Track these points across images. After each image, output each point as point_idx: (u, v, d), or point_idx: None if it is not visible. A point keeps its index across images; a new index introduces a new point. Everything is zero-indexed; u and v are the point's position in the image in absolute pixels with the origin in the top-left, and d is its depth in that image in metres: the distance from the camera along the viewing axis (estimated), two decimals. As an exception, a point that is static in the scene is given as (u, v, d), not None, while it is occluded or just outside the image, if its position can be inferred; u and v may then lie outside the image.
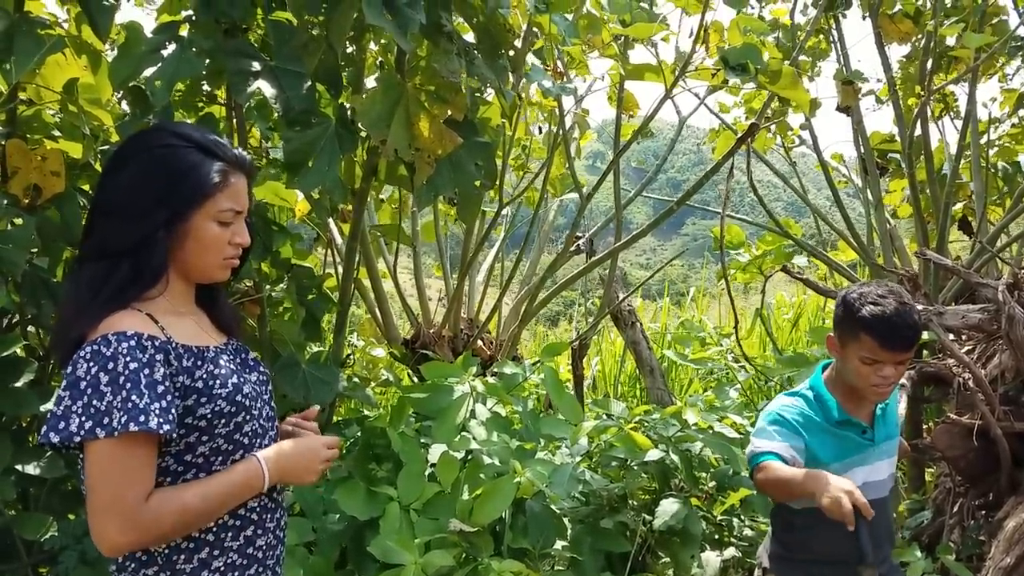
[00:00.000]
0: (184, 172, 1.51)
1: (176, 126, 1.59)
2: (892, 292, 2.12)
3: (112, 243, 1.48)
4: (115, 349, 1.38)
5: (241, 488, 1.50)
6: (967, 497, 3.54)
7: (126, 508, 1.35)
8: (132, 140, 1.57)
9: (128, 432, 1.34)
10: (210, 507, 1.46)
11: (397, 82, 2.59)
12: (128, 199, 1.49)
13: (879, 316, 2.05)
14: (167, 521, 1.39)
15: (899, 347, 2.05)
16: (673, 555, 3.01)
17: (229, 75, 2.45)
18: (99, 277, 1.48)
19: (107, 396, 1.35)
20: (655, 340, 6.20)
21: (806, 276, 3.78)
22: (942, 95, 5.38)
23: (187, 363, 1.48)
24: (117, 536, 1.35)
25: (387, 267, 4.69)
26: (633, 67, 3.44)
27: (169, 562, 1.49)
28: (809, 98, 3.71)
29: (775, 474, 2.07)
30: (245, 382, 1.59)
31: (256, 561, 1.60)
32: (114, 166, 1.54)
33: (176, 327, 1.52)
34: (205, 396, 1.49)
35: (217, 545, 1.53)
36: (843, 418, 2.17)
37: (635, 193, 4.83)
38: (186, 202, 1.51)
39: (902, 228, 6.04)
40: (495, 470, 2.82)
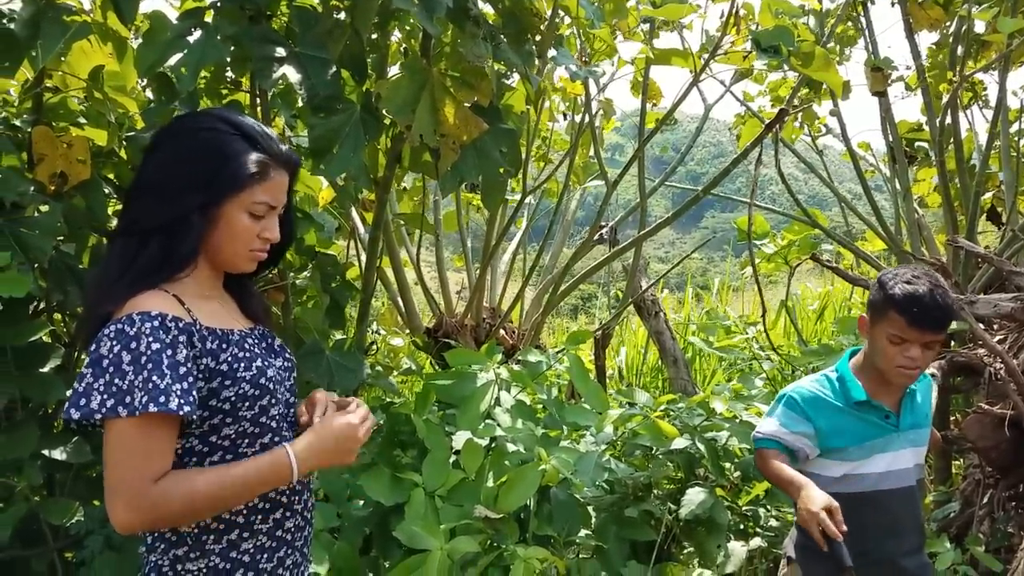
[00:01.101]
0: (224, 159, 1.50)
1: (226, 112, 1.58)
2: (927, 275, 2.11)
3: (144, 220, 1.48)
4: (138, 329, 1.38)
5: (264, 480, 1.48)
6: (997, 488, 3.49)
7: (135, 487, 1.35)
8: (178, 121, 1.58)
9: (148, 412, 1.34)
10: (225, 495, 1.44)
11: (422, 67, 2.57)
12: (164, 178, 1.49)
13: (910, 295, 2.05)
14: (175, 503, 1.38)
15: (927, 327, 2.04)
16: (698, 544, 2.99)
17: (254, 61, 2.44)
18: (128, 255, 1.48)
19: (128, 375, 1.35)
20: (678, 331, 6.16)
21: (836, 265, 3.73)
22: (971, 84, 5.30)
23: (211, 345, 1.48)
24: (124, 514, 1.35)
25: (409, 257, 4.69)
26: (660, 52, 3.40)
27: (198, 542, 1.50)
28: (842, 80, 3.66)
29: (765, 467, 2.20)
30: (269, 366, 1.58)
31: (285, 543, 1.60)
32: (157, 145, 1.54)
33: (202, 309, 1.52)
34: (229, 379, 1.48)
35: (247, 527, 1.54)
36: (864, 399, 2.15)
37: (659, 182, 4.79)
38: (221, 189, 1.50)
39: (930, 218, 5.96)
40: (520, 457, 2.81)
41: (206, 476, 1.42)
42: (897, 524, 2.14)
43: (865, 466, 2.16)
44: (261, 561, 1.56)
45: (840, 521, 1.94)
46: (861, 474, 2.16)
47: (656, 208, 24.71)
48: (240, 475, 1.45)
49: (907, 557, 2.19)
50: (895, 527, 2.13)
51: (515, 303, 4.66)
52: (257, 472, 1.46)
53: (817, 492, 1.99)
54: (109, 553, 2.95)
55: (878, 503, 2.08)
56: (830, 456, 2.19)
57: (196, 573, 1.50)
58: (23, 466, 2.75)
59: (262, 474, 1.47)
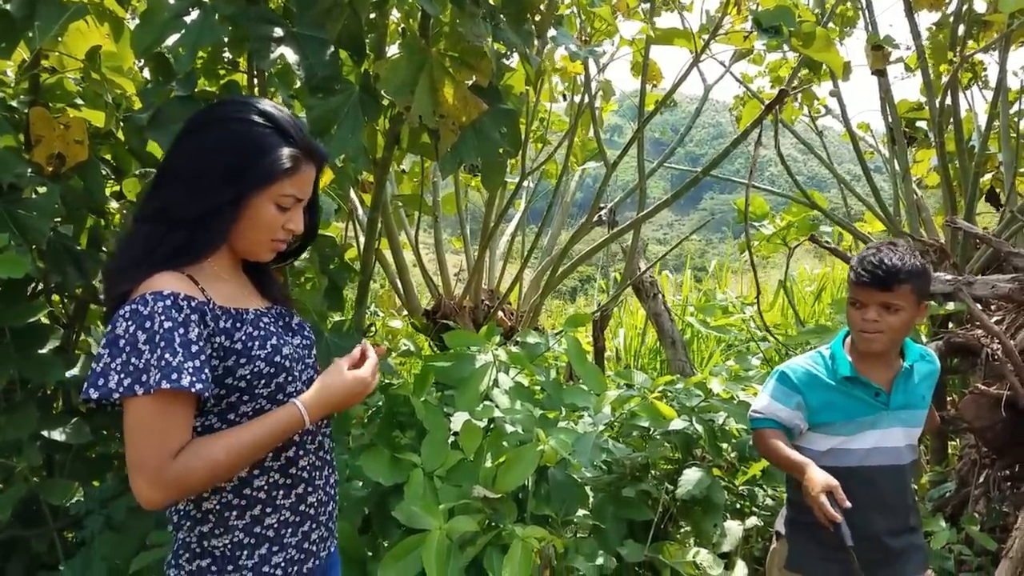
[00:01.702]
0: (258, 153, 1.52)
1: (260, 102, 1.58)
2: (894, 243, 2.15)
3: (174, 210, 1.50)
4: (152, 308, 1.40)
5: (275, 432, 1.50)
6: (993, 468, 3.52)
7: (156, 463, 1.38)
8: (213, 109, 1.59)
9: (161, 389, 1.37)
10: (243, 453, 1.46)
11: (421, 47, 2.56)
12: (198, 168, 1.51)
13: (861, 257, 2.14)
14: (197, 473, 1.41)
15: (871, 284, 2.10)
16: (695, 524, 3.01)
17: (251, 41, 2.43)
18: (154, 240, 1.50)
19: (144, 354, 1.38)
20: (676, 313, 6.17)
21: (834, 246, 3.73)
22: (971, 64, 5.28)
23: (225, 324, 1.50)
24: (147, 491, 1.38)
25: (408, 238, 4.68)
26: (661, 31, 3.39)
27: (221, 519, 1.54)
28: (843, 61, 3.65)
29: (765, 446, 2.24)
30: (285, 344, 1.60)
31: (309, 518, 1.64)
32: (190, 131, 1.55)
33: (218, 290, 1.54)
34: (244, 357, 1.51)
35: (269, 503, 1.57)
36: (852, 375, 2.18)
37: (658, 163, 4.78)
38: (254, 183, 1.52)
39: (929, 199, 5.95)
40: (518, 438, 2.82)
41: (222, 441, 1.45)
42: (883, 501, 2.16)
43: (852, 442, 2.18)
44: (286, 536, 1.59)
45: (842, 499, 1.98)
46: (848, 449, 2.18)
47: (655, 189, 24.68)
48: (253, 434, 1.48)
49: (894, 536, 2.20)
50: (881, 504, 2.15)
51: (513, 285, 4.66)
52: (270, 426, 1.50)
53: (819, 474, 2.03)
54: (109, 533, 2.97)
55: (864, 479, 2.10)
56: (818, 430, 2.22)
57: (222, 548, 1.54)
58: (22, 447, 2.76)
59: (275, 427, 1.50)
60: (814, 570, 2.25)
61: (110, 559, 2.91)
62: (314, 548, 1.65)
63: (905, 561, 2.23)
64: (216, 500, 1.53)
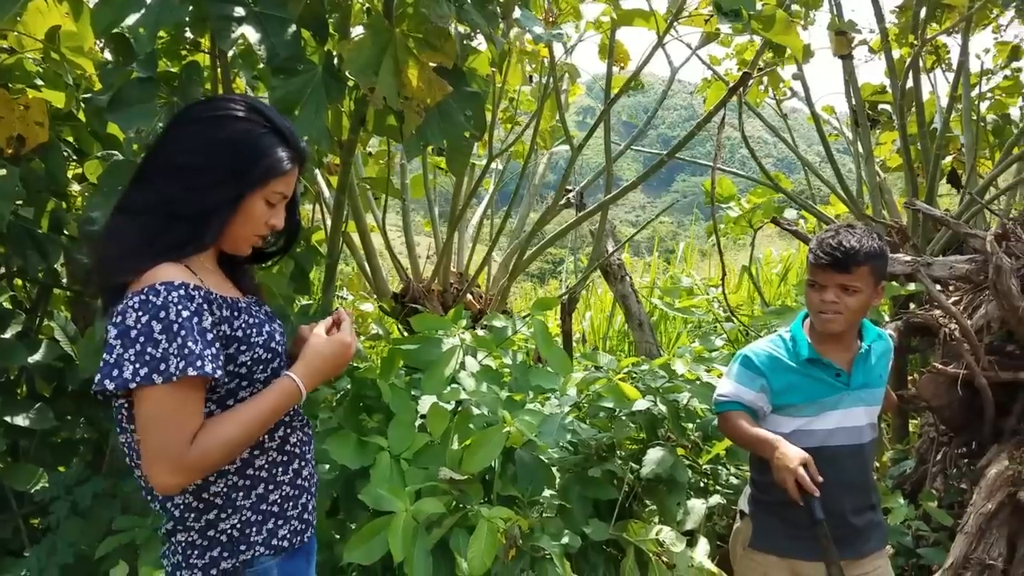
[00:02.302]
0: (260, 153, 1.57)
1: (257, 103, 1.64)
2: (851, 226, 2.20)
3: (175, 204, 1.53)
4: (165, 298, 1.42)
5: (277, 406, 1.57)
6: (950, 446, 3.60)
7: (176, 451, 1.41)
8: (211, 104, 1.63)
9: (186, 377, 1.41)
10: (252, 429, 1.52)
11: (385, 27, 2.54)
12: (198, 165, 1.54)
13: (819, 239, 2.18)
14: (214, 457, 1.46)
15: (828, 266, 2.14)
16: (659, 502, 3.05)
17: (212, 21, 2.40)
18: (152, 231, 1.52)
19: (162, 343, 1.40)
20: (644, 295, 6.21)
21: (796, 228, 3.78)
22: (934, 47, 5.34)
23: (226, 313, 1.55)
24: (168, 478, 1.42)
25: (376, 221, 4.66)
26: (623, 12, 3.39)
27: (229, 500, 1.59)
28: (802, 44, 3.68)
29: (732, 428, 2.27)
30: (275, 331, 1.67)
31: (304, 490, 1.72)
32: (188, 126, 1.58)
33: (210, 280, 1.58)
34: (244, 344, 1.57)
35: (271, 480, 1.64)
36: (813, 357, 2.22)
37: (625, 146, 4.80)
38: (253, 183, 1.57)
39: (892, 181, 6.03)
40: (485, 420, 2.83)
41: (230, 420, 1.50)
42: (846, 480, 2.21)
43: (815, 423, 2.22)
44: (288, 509, 1.67)
45: (815, 473, 2.02)
46: (811, 430, 2.22)
47: (626, 172, 24.71)
48: (258, 409, 1.54)
49: (857, 514, 2.25)
50: (844, 483, 2.20)
51: (482, 268, 4.66)
52: (272, 401, 1.56)
53: (792, 449, 2.07)
54: (75, 519, 2.96)
55: (827, 459, 2.13)
56: (782, 412, 2.26)
57: (230, 531, 1.59)
58: (-16, 433, 2.74)
59: (275, 401, 1.56)
60: (780, 548, 2.29)
61: (76, 545, 2.90)
62: (309, 518, 1.74)
63: (866, 539, 2.28)
64: (222, 483, 1.58)
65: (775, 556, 2.30)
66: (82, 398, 3.18)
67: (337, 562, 2.57)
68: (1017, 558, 2.97)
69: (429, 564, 2.41)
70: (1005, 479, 2.93)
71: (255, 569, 1.60)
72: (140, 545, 2.71)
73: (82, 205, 3.34)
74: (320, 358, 1.65)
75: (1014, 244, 3.23)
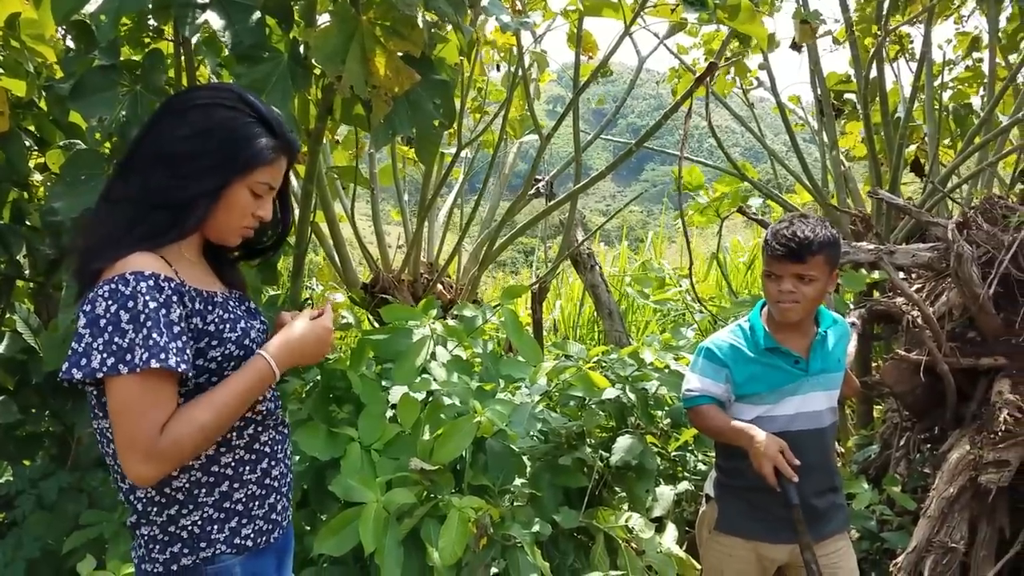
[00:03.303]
0: (243, 142, 1.56)
1: (244, 92, 1.62)
2: (815, 218, 2.24)
3: (158, 193, 1.52)
4: (134, 288, 1.41)
5: (251, 386, 1.54)
6: (913, 431, 3.66)
7: (146, 440, 1.40)
8: (197, 92, 1.61)
9: (149, 368, 1.39)
10: (227, 412, 1.50)
11: (351, 15, 2.52)
12: (183, 155, 1.53)
13: (774, 231, 2.21)
14: (187, 444, 1.44)
15: (784, 257, 2.17)
16: (629, 489, 3.08)
17: (175, 8, 2.37)
18: (132, 220, 1.51)
19: (128, 333, 1.39)
20: (614, 284, 6.24)
21: (761, 218, 3.81)
22: (898, 37, 5.41)
23: (199, 306, 1.53)
24: (142, 468, 1.41)
25: (344, 210, 4.63)
26: (592, 2, 3.39)
27: (191, 496, 1.56)
28: (767, 33, 3.70)
29: (706, 422, 2.30)
30: (252, 328, 1.65)
31: (273, 490, 1.68)
32: (175, 113, 1.56)
33: (187, 271, 1.56)
34: (216, 339, 1.54)
35: (236, 479, 1.61)
36: (771, 346, 2.26)
37: (595, 135, 4.81)
38: (235, 171, 1.56)
39: (856, 170, 6.10)
40: (455, 410, 2.83)
41: (201, 404, 1.48)
42: (808, 464, 2.24)
43: (776, 409, 2.26)
44: (253, 508, 1.63)
45: (792, 459, 2.09)
46: (772, 416, 2.26)
47: (596, 161, 24.78)
48: (231, 393, 1.51)
49: (819, 497, 2.30)
50: (806, 467, 2.23)
51: (452, 257, 4.66)
52: (244, 382, 1.53)
53: (769, 437, 2.12)
54: (41, 512, 2.92)
55: (788, 443, 2.16)
56: (743, 401, 2.30)
57: (191, 528, 1.56)
58: (-55, 427, 2.69)
59: (249, 382, 1.54)
60: (744, 531, 2.33)
61: (42, 539, 2.86)
62: (278, 518, 1.70)
63: (828, 520, 2.33)
64: (185, 478, 1.55)
65: (740, 539, 2.34)
66: (47, 391, 3.13)
67: (308, 554, 2.56)
68: (978, 541, 3.04)
69: (400, 554, 2.41)
70: (966, 464, 2.99)
71: (216, 567, 1.58)
72: (108, 539, 2.68)
73: (44, 195, 3.28)
74: (298, 338, 1.63)
75: (975, 232, 3.28)
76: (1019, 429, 2.94)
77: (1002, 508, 3.07)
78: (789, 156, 5.90)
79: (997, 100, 4.69)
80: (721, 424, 2.25)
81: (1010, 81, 4.78)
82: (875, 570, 3.28)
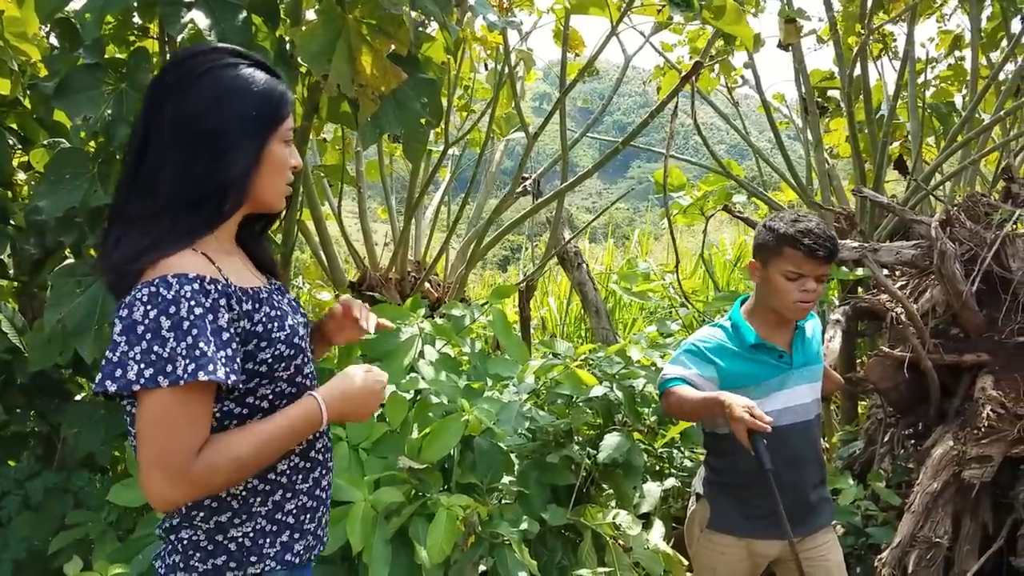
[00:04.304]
0: (265, 95, 1.41)
1: (221, 45, 1.46)
2: (808, 215, 2.25)
3: (196, 186, 1.36)
4: (177, 292, 1.27)
5: (297, 431, 1.41)
6: (897, 427, 3.69)
7: (178, 461, 1.26)
8: (185, 67, 1.40)
9: (196, 381, 1.25)
10: (267, 452, 1.37)
11: (338, 14, 2.52)
12: (211, 133, 1.36)
13: (802, 230, 2.18)
14: (221, 474, 1.31)
15: (822, 257, 2.17)
16: (616, 486, 3.09)
17: (161, 6, 2.36)
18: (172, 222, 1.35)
19: (170, 342, 1.25)
20: (600, 281, 6.26)
21: (746, 215, 3.83)
22: (881, 35, 5.44)
23: (247, 307, 1.39)
24: (167, 489, 1.26)
25: (331, 209, 4.62)
26: (578, 1, 3.40)
27: (246, 505, 1.44)
28: (753, 33, 3.72)
29: (678, 399, 2.22)
30: (299, 324, 1.51)
31: (322, 502, 1.57)
32: (175, 98, 1.37)
33: (229, 268, 1.41)
34: (265, 340, 1.41)
35: (290, 487, 1.49)
36: (758, 342, 2.28)
37: (581, 133, 4.81)
38: (272, 126, 1.41)
39: (840, 168, 6.14)
40: (443, 409, 2.84)
41: (244, 439, 1.34)
42: (798, 457, 2.26)
43: (764, 404, 2.26)
44: (305, 522, 1.52)
45: (762, 416, 2.00)
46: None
47: (583, 159, 24.79)
48: (275, 430, 1.38)
49: (810, 489, 2.32)
50: (796, 460, 2.25)
51: (440, 256, 4.66)
52: (291, 424, 1.40)
53: (737, 397, 2.05)
54: (27, 513, 2.91)
55: (778, 438, 2.18)
56: None
57: (242, 539, 1.44)
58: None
59: (295, 425, 1.40)
60: (736, 528, 2.35)
61: (28, 540, 2.85)
62: (322, 533, 1.59)
63: (818, 513, 2.35)
64: (242, 485, 1.43)
65: (732, 536, 2.35)
66: (32, 391, 3.12)
67: (295, 552, 2.56)
68: (962, 536, 3.07)
69: (388, 553, 2.41)
70: (950, 459, 3.02)
71: None
72: (94, 540, 2.67)
73: (28, 194, 3.26)
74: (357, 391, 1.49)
75: (958, 230, 3.31)
76: (1001, 425, 2.97)
77: (985, 503, 3.10)
78: (774, 154, 5.93)
79: (979, 98, 4.73)
80: (690, 398, 2.18)
81: (992, 79, 4.82)
82: (860, 565, 3.31)
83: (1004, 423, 2.98)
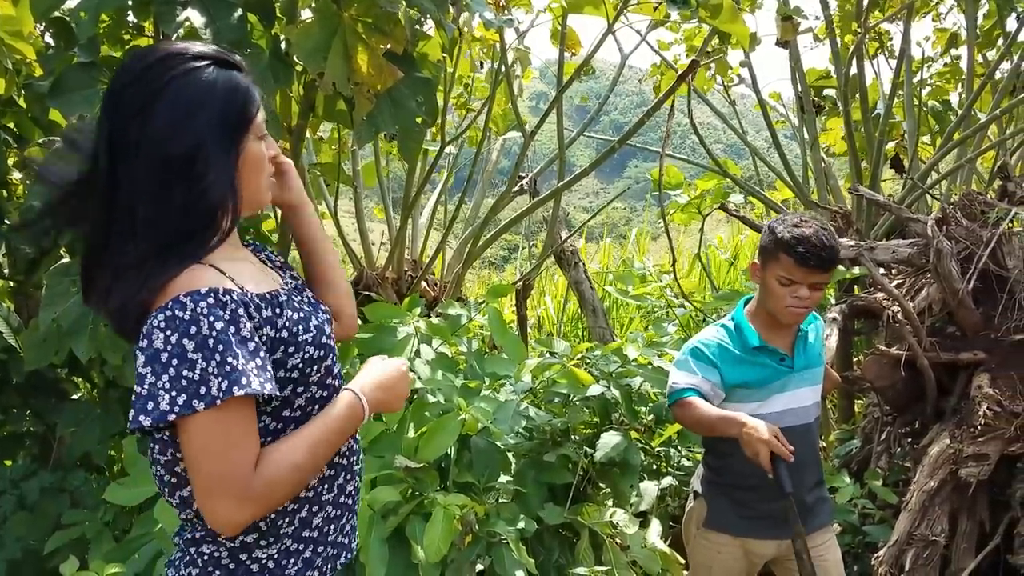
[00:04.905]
0: (231, 94, 1.31)
1: (173, 44, 1.34)
2: (815, 220, 2.23)
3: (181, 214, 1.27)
4: (193, 311, 1.21)
5: (345, 427, 1.38)
6: (894, 425, 3.69)
7: (238, 482, 1.21)
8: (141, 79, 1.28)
9: (232, 397, 1.20)
10: (322, 456, 1.34)
11: (333, 12, 2.52)
12: (184, 154, 1.26)
13: (797, 237, 2.15)
14: (283, 486, 1.27)
15: (813, 266, 2.15)
16: (613, 485, 3.09)
17: (156, 5, 2.35)
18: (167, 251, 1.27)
19: (199, 364, 1.19)
20: (597, 281, 6.26)
21: (743, 214, 3.83)
22: (877, 34, 5.45)
23: (267, 313, 1.33)
24: (235, 514, 1.22)
25: (328, 208, 4.62)
26: (575, 0, 3.40)
27: (274, 527, 1.39)
28: (749, 32, 3.73)
29: (693, 412, 2.20)
30: (323, 322, 1.46)
31: (347, 509, 1.52)
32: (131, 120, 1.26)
33: (241, 275, 1.35)
34: (292, 345, 1.35)
35: (316, 500, 1.44)
36: (760, 345, 2.26)
37: (578, 132, 4.81)
38: (244, 127, 1.33)
39: (837, 167, 6.15)
40: (440, 408, 2.84)
41: (296, 445, 1.30)
42: (798, 459, 2.26)
43: (765, 407, 2.26)
44: (330, 534, 1.48)
45: (786, 443, 2.02)
46: (761, 414, 2.25)
47: (580, 158, 24.80)
48: (324, 430, 1.34)
49: (808, 492, 2.31)
50: (796, 462, 2.25)
51: (436, 255, 4.66)
52: (336, 420, 1.36)
53: (760, 422, 2.05)
54: (22, 513, 2.91)
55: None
56: (733, 399, 2.29)
57: (266, 561, 1.39)
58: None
59: (341, 421, 1.37)
60: (733, 528, 2.34)
61: (24, 540, 2.85)
62: (346, 540, 1.54)
63: (816, 514, 2.35)
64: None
65: (728, 535, 2.35)
66: (28, 390, 3.11)
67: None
68: (958, 534, 3.07)
69: (385, 552, 2.41)
70: (946, 457, 3.02)
71: None
72: (90, 540, 2.66)
73: (23, 194, 3.25)
74: (392, 377, 1.47)
75: (954, 228, 3.31)
76: (998, 423, 2.97)
77: (982, 501, 3.10)
78: (770, 153, 5.93)
79: (975, 97, 4.74)
80: (709, 414, 2.17)
81: (988, 78, 4.82)
82: (857, 563, 3.31)
83: (1000, 421, 2.98)
